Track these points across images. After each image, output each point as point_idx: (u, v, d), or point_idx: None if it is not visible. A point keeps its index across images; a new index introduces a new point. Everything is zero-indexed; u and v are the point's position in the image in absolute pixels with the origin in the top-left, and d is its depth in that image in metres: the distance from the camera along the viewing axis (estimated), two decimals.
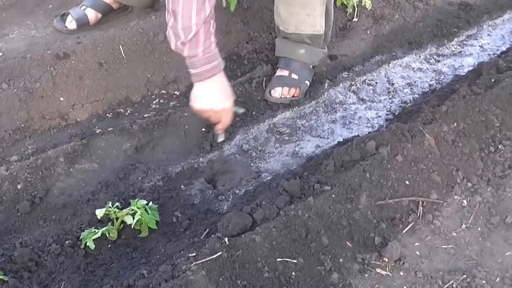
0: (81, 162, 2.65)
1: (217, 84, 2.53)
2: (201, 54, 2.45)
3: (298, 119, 3.06)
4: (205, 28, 2.40)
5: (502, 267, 2.17)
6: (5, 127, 2.75)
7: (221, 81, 2.55)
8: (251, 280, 1.97)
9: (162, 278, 1.92)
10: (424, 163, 2.44)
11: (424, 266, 2.18)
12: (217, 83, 2.53)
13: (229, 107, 2.59)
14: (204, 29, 2.39)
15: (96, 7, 3.23)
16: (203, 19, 2.37)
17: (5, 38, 3.12)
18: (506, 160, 2.57)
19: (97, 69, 3.00)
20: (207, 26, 2.40)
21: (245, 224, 2.12)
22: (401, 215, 2.33)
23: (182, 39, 2.41)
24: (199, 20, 2.37)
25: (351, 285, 2.09)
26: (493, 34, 3.86)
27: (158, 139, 2.80)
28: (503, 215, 2.36)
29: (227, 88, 2.58)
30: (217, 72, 2.51)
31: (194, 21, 2.36)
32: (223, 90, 2.56)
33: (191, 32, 2.38)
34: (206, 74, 2.49)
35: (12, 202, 2.46)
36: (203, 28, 2.39)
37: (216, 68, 2.50)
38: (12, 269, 2.15)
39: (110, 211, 2.28)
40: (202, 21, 2.37)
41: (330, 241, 2.13)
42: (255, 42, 3.43)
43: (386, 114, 3.12)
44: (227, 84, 2.58)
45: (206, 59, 2.46)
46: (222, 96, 2.56)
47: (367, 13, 3.72)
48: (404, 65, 3.50)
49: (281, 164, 2.78)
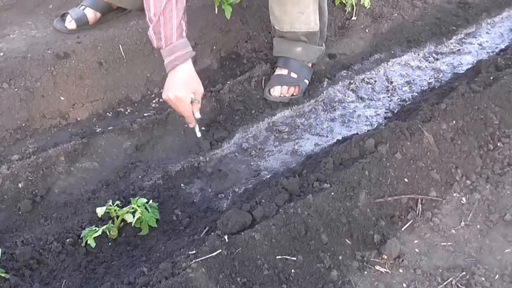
0: (81, 161, 2.66)
1: (179, 75, 2.53)
2: (164, 45, 2.49)
3: (297, 118, 3.07)
4: (164, 18, 2.42)
5: (501, 264, 2.18)
6: (6, 126, 2.76)
7: (183, 71, 2.54)
8: (251, 277, 1.98)
9: (162, 276, 1.93)
10: (423, 161, 2.44)
11: (423, 263, 2.19)
12: (178, 74, 2.53)
13: (181, 97, 2.54)
14: (164, 19, 2.42)
15: (95, 7, 3.24)
16: (160, 10, 2.40)
17: (6, 38, 3.13)
18: (505, 158, 2.58)
19: (97, 68, 3.00)
20: (166, 16, 2.42)
21: (244, 222, 2.12)
22: (400, 212, 2.34)
23: (148, 31, 2.49)
24: (157, 11, 2.41)
25: (351, 282, 2.09)
26: (491, 32, 3.86)
27: (158, 138, 2.81)
28: (502, 213, 2.37)
29: (188, 78, 2.56)
30: (179, 63, 2.51)
31: (152, 12, 2.42)
32: (183, 79, 2.54)
33: (152, 23, 2.45)
34: (169, 65, 2.52)
35: (13, 200, 2.47)
36: (162, 18, 2.42)
37: (179, 59, 2.51)
38: (14, 267, 2.16)
39: (111, 210, 2.29)
40: (160, 12, 2.41)
41: (329, 238, 2.14)
42: (254, 41, 3.44)
43: (385, 112, 3.12)
44: (191, 74, 2.56)
45: (169, 50, 2.50)
46: (178, 85, 2.54)
47: (366, 12, 3.73)
48: (403, 64, 3.50)
49: (280, 162, 2.79)
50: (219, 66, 3.31)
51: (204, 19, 3.29)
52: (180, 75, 2.54)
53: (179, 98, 2.54)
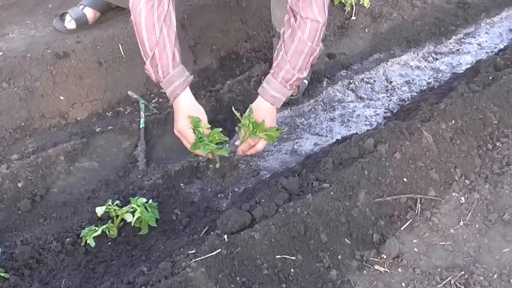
0: (81, 160, 2.66)
1: (178, 107, 2.54)
2: (162, 78, 2.50)
3: (297, 118, 3.07)
4: (159, 51, 2.44)
5: (499, 264, 2.19)
6: (6, 126, 2.76)
7: (183, 101, 2.54)
8: (250, 276, 1.98)
9: (162, 275, 1.93)
10: (422, 160, 2.45)
11: (422, 262, 2.20)
12: (178, 105, 2.54)
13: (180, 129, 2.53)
14: (159, 52, 2.44)
15: (94, 6, 3.23)
16: (154, 43, 2.42)
17: (5, 38, 3.13)
18: (503, 157, 2.58)
19: (96, 68, 3.00)
20: (160, 48, 2.43)
21: (244, 221, 2.13)
22: (399, 212, 2.34)
23: (146, 66, 2.50)
24: (151, 45, 2.43)
25: (350, 281, 2.10)
26: (491, 32, 3.87)
27: (157, 138, 2.81)
28: (500, 212, 2.38)
29: (189, 109, 2.55)
30: (180, 92, 2.52)
31: (147, 46, 2.44)
32: (183, 111, 2.53)
33: (148, 58, 2.46)
34: (171, 96, 2.54)
35: (13, 200, 2.47)
36: (157, 52, 2.43)
37: (179, 88, 2.51)
38: (13, 266, 2.16)
39: (110, 209, 2.29)
40: (154, 44, 2.42)
41: (328, 238, 2.15)
42: (253, 41, 3.44)
43: (384, 112, 3.13)
44: (190, 104, 2.55)
45: (167, 81, 2.51)
46: (178, 119, 2.55)
47: (365, 12, 3.73)
48: (402, 63, 3.51)
49: (280, 162, 2.79)
50: (218, 66, 3.31)
51: (203, 19, 3.29)
52: (180, 107, 2.54)
53: (179, 130, 2.55)
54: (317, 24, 2.50)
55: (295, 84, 2.66)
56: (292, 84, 2.62)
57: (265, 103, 2.62)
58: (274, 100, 2.62)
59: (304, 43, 2.52)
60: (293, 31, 2.53)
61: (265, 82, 2.63)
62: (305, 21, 2.49)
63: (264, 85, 2.63)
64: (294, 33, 2.52)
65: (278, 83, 2.59)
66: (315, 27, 2.51)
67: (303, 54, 2.54)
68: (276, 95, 2.61)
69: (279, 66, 2.58)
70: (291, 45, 2.54)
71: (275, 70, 2.60)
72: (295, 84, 2.65)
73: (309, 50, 2.54)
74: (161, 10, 2.41)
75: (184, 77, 2.53)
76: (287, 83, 2.59)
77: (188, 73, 2.56)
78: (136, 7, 2.41)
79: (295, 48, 2.54)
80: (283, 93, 2.62)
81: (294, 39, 2.53)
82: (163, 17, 2.42)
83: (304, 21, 2.49)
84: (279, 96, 2.62)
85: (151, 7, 2.39)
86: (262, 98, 2.62)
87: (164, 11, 2.43)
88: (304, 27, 2.51)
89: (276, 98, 2.61)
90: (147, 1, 2.38)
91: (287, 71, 2.57)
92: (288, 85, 2.60)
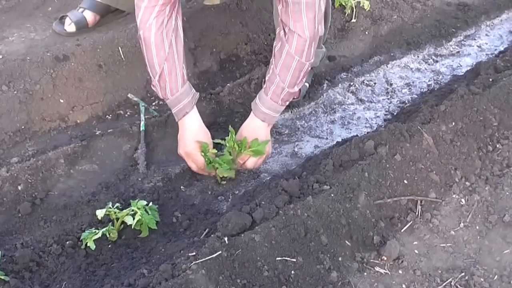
0: (81, 163, 2.66)
1: (185, 127, 2.55)
2: (170, 95, 2.49)
3: (297, 120, 3.07)
4: (168, 66, 2.42)
5: (500, 265, 2.18)
6: (6, 129, 2.76)
7: (191, 122, 2.54)
8: (251, 279, 1.98)
9: (162, 277, 1.93)
10: (422, 162, 2.45)
11: (423, 264, 2.19)
12: (185, 126, 2.55)
13: (190, 151, 2.55)
14: (168, 69, 2.42)
15: (94, 9, 3.23)
16: (163, 58, 2.40)
17: (5, 41, 3.13)
18: (504, 159, 2.58)
19: (96, 71, 3.01)
20: (169, 63, 2.42)
21: (244, 223, 2.12)
22: (399, 214, 2.34)
23: (153, 82, 2.49)
24: (160, 60, 2.41)
25: (350, 283, 2.09)
26: (491, 34, 3.88)
27: (157, 140, 2.81)
28: (501, 214, 2.37)
29: (196, 132, 2.56)
30: (189, 110, 2.52)
31: (156, 63, 2.41)
32: (191, 133, 2.54)
33: (156, 75, 2.44)
34: (179, 114, 2.54)
35: (13, 203, 2.47)
36: (166, 67, 2.42)
37: (188, 106, 2.51)
38: (14, 269, 2.16)
39: (111, 212, 2.29)
40: (163, 60, 2.41)
41: (329, 240, 2.14)
42: (253, 44, 3.44)
43: (384, 114, 3.13)
44: (198, 126, 2.57)
45: (175, 99, 2.50)
46: (186, 141, 2.55)
47: (366, 14, 3.74)
48: (403, 66, 3.51)
49: (280, 164, 2.79)
50: (219, 69, 3.31)
51: (204, 22, 3.29)
52: (188, 129, 2.55)
53: (187, 153, 2.56)
54: (303, 39, 2.43)
55: (287, 99, 2.60)
56: (284, 99, 2.57)
57: (256, 120, 2.60)
58: (265, 117, 2.58)
59: (291, 57, 2.47)
60: (282, 44, 2.48)
61: (257, 98, 2.61)
62: (293, 34, 2.43)
63: (256, 100, 2.61)
64: (283, 47, 2.48)
65: (269, 100, 2.55)
66: (302, 41, 2.44)
67: (291, 69, 2.49)
68: (267, 112, 2.57)
69: (270, 80, 2.56)
70: (279, 60, 2.50)
71: (266, 84, 2.57)
72: (287, 99, 2.59)
73: (297, 64, 2.48)
74: (170, 25, 2.40)
75: (192, 94, 2.53)
76: (278, 98, 2.55)
77: (194, 90, 2.55)
78: (145, 23, 2.37)
79: (283, 63, 2.49)
80: (275, 109, 2.58)
81: (282, 53, 2.48)
82: (171, 32, 2.41)
83: (292, 35, 2.43)
84: (270, 113, 2.58)
85: (161, 23, 2.37)
86: (253, 115, 2.61)
87: (172, 26, 2.41)
88: (292, 40, 2.45)
89: (267, 114, 2.58)
90: (157, 17, 2.35)
91: (277, 86, 2.52)
92: (280, 100, 2.56)
